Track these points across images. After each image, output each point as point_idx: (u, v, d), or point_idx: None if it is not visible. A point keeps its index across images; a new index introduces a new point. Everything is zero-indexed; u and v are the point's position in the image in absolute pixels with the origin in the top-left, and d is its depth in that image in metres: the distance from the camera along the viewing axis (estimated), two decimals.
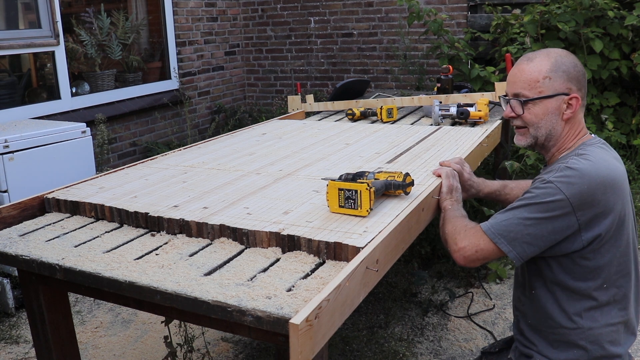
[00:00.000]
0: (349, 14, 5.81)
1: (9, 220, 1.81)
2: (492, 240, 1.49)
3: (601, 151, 1.54)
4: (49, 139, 3.33)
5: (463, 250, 1.54)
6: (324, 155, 2.33)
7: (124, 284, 1.37)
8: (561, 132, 1.58)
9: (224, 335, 2.85)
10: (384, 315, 3.01)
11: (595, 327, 1.51)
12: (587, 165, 1.46)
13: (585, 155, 1.50)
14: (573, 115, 1.56)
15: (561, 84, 1.54)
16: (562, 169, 1.47)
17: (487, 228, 1.50)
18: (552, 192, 1.44)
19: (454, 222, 1.63)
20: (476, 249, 1.52)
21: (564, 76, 1.54)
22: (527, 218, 1.45)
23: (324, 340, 1.18)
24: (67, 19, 4.56)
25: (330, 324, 1.19)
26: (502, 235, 1.47)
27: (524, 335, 1.64)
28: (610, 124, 4.42)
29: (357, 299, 1.32)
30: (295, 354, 1.08)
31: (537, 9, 4.45)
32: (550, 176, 1.47)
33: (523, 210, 1.46)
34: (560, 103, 1.55)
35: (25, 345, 2.88)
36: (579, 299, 1.52)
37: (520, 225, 1.46)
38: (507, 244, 1.47)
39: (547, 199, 1.44)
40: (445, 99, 3.26)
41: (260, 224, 1.57)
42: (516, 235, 1.46)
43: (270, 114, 5.83)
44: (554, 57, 1.55)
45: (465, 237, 1.54)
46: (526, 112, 1.58)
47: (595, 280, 1.50)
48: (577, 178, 1.43)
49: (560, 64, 1.54)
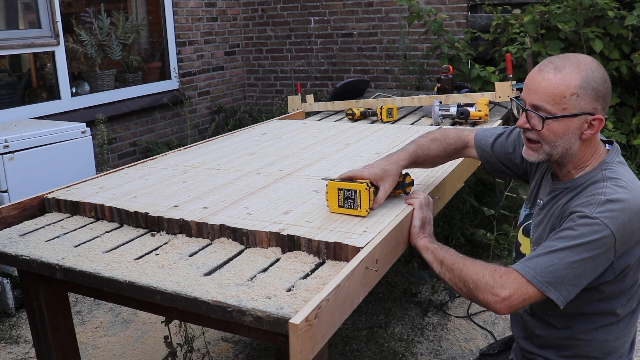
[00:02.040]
0: (349, 14, 5.81)
1: (9, 220, 1.81)
2: (539, 288, 1.35)
3: (628, 173, 1.45)
4: (49, 139, 3.33)
5: (509, 300, 1.37)
6: (324, 155, 2.33)
7: (124, 284, 1.37)
8: (577, 151, 1.45)
9: (224, 335, 2.85)
10: (384, 315, 3.01)
11: (610, 339, 1.49)
12: (627, 195, 1.37)
13: (618, 180, 1.41)
14: (592, 136, 1.44)
15: (588, 102, 1.39)
16: (603, 202, 1.35)
17: (532, 276, 1.36)
18: (599, 230, 1.33)
19: (472, 268, 1.45)
20: (524, 297, 1.37)
21: (592, 94, 1.39)
22: (574, 262, 1.34)
23: (324, 340, 1.18)
24: (67, 19, 4.55)
25: (330, 324, 1.19)
26: (549, 283, 1.35)
27: (530, 341, 1.61)
28: (610, 124, 4.42)
29: (356, 299, 1.32)
30: (295, 354, 1.08)
31: (537, 9, 4.45)
32: (591, 211, 1.36)
33: (569, 253, 1.34)
34: (582, 123, 1.41)
35: (25, 345, 2.88)
36: (599, 317, 1.48)
37: (568, 269, 1.34)
38: (555, 291, 1.35)
39: (594, 237, 1.33)
40: (445, 99, 3.26)
41: (260, 224, 1.57)
42: (563, 280, 1.35)
43: (270, 114, 5.82)
44: (585, 70, 1.39)
45: (505, 286, 1.38)
46: (545, 129, 1.42)
47: (618, 299, 1.46)
48: (620, 211, 1.34)
49: (590, 79, 1.38)
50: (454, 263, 1.49)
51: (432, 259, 1.55)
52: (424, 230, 1.63)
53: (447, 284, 1.51)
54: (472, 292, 1.44)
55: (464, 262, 1.48)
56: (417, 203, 1.65)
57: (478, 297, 1.42)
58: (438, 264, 1.53)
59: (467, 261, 1.48)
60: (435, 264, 1.54)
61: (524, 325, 1.63)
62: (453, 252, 1.54)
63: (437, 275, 1.55)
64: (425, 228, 1.63)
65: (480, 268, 1.44)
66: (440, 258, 1.53)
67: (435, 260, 1.54)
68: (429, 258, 1.57)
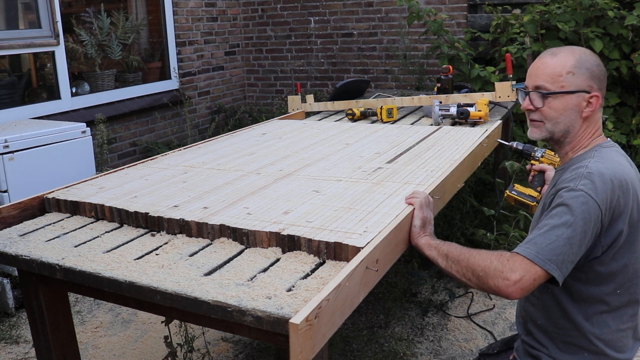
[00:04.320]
0: (349, 14, 5.81)
1: (9, 220, 1.81)
2: (542, 267, 1.39)
3: (615, 154, 1.53)
4: (49, 139, 3.33)
5: (520, 282, 1.39)
6: (324, 155, 2.33)
7: (124, 284, 1.37)
8: (578, 129, 1.55)
9: (224, 335, 2.85)
10: (384, 315, 3.01)
11: (606, 332, 1.50)
12: (604, 168, 1.45)
13: (602, 157, 1.49)
14: (592, 114, 1.54)
15: (583, 80, 1.51)
16: (584, 175, 1.44)
17: (534, 255, 1.39)
18: (585, 200, 1.40)
19: (478, 257, 1.48)
20: (533, 278, 1.40)
21: (587, 73, 1.51)
22: (570, 237, 1.39)
23: (324, 340, 1.19)
24: (67, 19, 4.55)
25: (331, 324, 1.20)
26: (552, 260, 1.39)
27: (532, 336, 1.62)
28: (610, 124, 4.42)
29: (357, 299, 1.32)
30: (296, 353, 1.08)
31: (537, 9, 4.46)
32: (575, 184, 1.43)
33: (564, 229, 1.39)
34: (580, 100, 1.52)
35: (25, 345, 2.88)
36: (590, 304, 1.50)
37: (567, 246, 1.39)
38: (557, 269, 1.39)
39: (582, 208, 1.39)
40: (445, 99, 3.26)
41: (260, 224, 1.57)
42: (564, 257, 1.39)
43: (270, 114, 5.82)
44: (579, 54, 1.53)
45: (514, 269, 1.40)
46: (546, 106, 1.54)
47: (608, 285, 1.48)
48: (601, 183, 1.41)
49: (584, 61, 1.52)
50: (459, 255, 1.51)
51: (436, 254, 1.56)
52: (425, 230, 1.64)
53: (455, 277, 1.52)
54: (482, 279, 1.45)
55: (469, 252, 1.50)
56: (417, 203, 1.66)
57: (489, 283, 1.43)
58: (443, 259, 1.54)
59: (472, 251, 1.51)
60: (440, 259, 1.55)
61: (526, 318, 1.65)
62: (456, 245, 1.56)
63: (444, 270, 1.56)
64: (426, 228, 1.65)
65: (486, 255, 1.47)
66: (445, 252, 1.55)
67: (440, 255, 1.56)
68: (432, 254, 1.58)
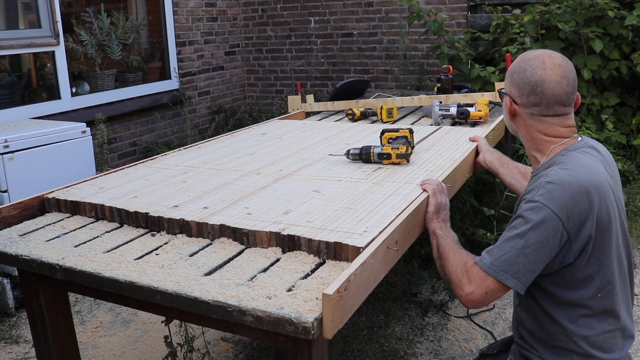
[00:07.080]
0: (349, 14, 5.81)
1: (9, 220, 1.81)
2: (496, 279, 1.43)
3: (583, 156, 1.51)
4: (49, 139, 3.33)
5: (472, 295, 1.46)
6: (324, 155, 2.33)
7: (124, 284, 1.37)
8: (517, 131, 1.64)
9: (224, 335, 2.85)
10: (384, 315, 3.01)
11: (592, 334, 1.50)
12: (565, 175, 1.44)
13: (565, 164, 1.48)
14: (517, 118, 1.61)
15: (508, 84, 1.62)
16: (543, 185, 1.44)
17: (488, 267, 1.44)
18: (539, 210, 1.41)
19: (452, 260, 1.54)
20: (485, 291, 1.45)
21: (509, 79, 1.62)
22: (525, 247, 1.41)
23: (351, 312, 1.27)
24: (67, 19, 4.55)
25: (357, 297, 1.29)
26: (505, 271, 1.42)
27: (523, 339, 1.63)
28: (610, 124, 4.43)
29: (379, 276, 1.41)
30: (328, 322, 1.17)
31: (537, 9, 4.46)
32: (533, 195, 1.44)
33: (519, 240, 1.42)
34: (508, 102, 1.62)
35: (25, 345, 2.88)
36: (573, 307, 1.50)
37: (521, 257, 1.41)
38: (512, 279, 1.42)
39: (537, 218, 1.40)
40: (445, 99, 3.26)
41: (260, 224, 1.57)
42: (519, 267, 1.42)
43: (270, 114, 5.82)
44: (519, 58, 1.61)
45: (470, 281, 1.46)
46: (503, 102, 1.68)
47: (587, 289, 1.48)
48: (560, 191, 1.41)
49: (515, 66, 1.60)
50: (444, 252, 1.58)
51: (434, 244, 1.63)
52: (439, 215, 1.71)
53: (439, 272, 1.60)
54: (449, 283, 1.53)
55: (452, 252, 1.56)
56: (430, 189, 1.75)
57: (453, 289, 1.52)
58: (436, 250, 1.61)
59: (452, 252, 1.56)
60: (434, 250, 1.62)
61: (518, 321, 1.66)
62: (450, 239, 1.61)
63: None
64: (440, 213, 1.72)
65: (458, 259, 1.53)
66: (438, 244, 1.61)
67: (435, 246, 1.63)
68: (432, 243, 1.65)
